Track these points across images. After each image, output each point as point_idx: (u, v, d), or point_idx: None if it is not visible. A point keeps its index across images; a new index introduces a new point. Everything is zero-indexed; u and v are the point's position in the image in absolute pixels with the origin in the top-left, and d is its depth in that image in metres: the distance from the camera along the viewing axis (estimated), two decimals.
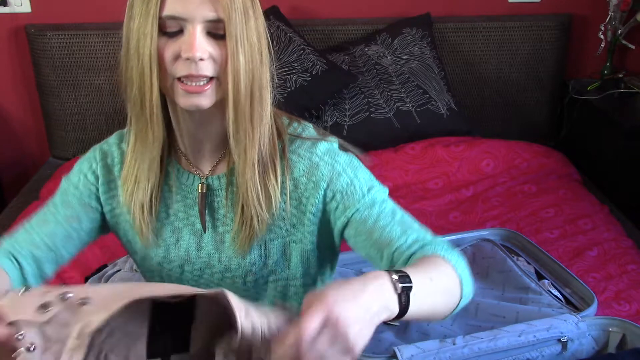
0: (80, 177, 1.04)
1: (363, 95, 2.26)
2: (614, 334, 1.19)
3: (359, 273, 1.40)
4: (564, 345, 1.15)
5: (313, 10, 2.47)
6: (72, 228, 1.02)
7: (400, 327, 1.25)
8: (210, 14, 0.86)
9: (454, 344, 1.11)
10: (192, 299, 0.73)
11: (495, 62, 2.48)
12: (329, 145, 1.00)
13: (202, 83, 0.88)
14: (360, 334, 0.70)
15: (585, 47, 2.58)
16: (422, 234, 0.95)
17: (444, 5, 2.48)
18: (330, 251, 1.09)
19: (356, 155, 1.03)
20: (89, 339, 0.68)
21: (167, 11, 0.86)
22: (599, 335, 1.19)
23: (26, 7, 2.35)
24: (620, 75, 2.50)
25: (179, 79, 0.88)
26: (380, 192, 0.99)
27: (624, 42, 2.44)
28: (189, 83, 0.88)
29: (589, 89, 2.46)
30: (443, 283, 0.87)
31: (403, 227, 0.95)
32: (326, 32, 2.42)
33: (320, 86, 2.21)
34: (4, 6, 2.33)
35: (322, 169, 0.98)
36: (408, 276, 0.77)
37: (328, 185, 0.98)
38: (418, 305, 0.78)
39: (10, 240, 1.00)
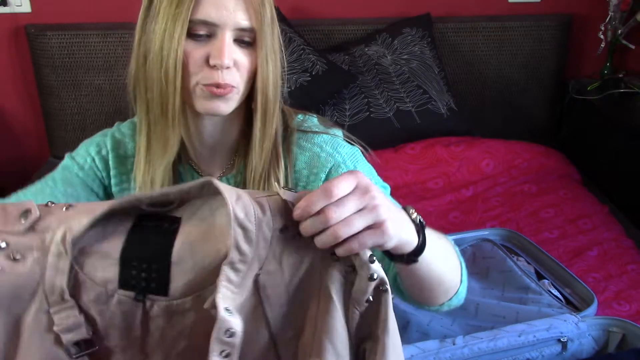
0: (87, 159, 1.02)
1: (363, 95, 2.26)
2: (614, 334, 1.19)
3: None
4: (564, 346, 1.15)
5: (313, 10, 2.46)
6: None
7: (400, 327, 1.25)
8: (243, 22, 0.86)
9: (454, 344, 1.11)
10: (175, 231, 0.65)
11: (496, 62, 2.48)
12: (331, 136, 0.99)
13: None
14: (390, 214, 0.62)
15: (585, 47, 2.58)
16: None
17: (444, 5, 2.48)
18: None
19: (361, 148, 1.02)
20: (70, 245, 0.62)
21: (200, 15, 0.85)
22: (599, 335, 1.19)
23: (26, 7, 2.34)
24: (620, 75, 2.50)
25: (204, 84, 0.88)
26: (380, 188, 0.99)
27: (624, 42, 2.44)
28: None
29: (589, 89, 2.46)
30: (451, 255, 0.88)
31: None
32: (326, 32, 2.42)
33: (320, 86, 2.21)
34: (4, 6, 2.33)
35: (322, 159, 0.97)
36: (424, 226, 0.75)
37: (327, 177, 0.97)
38: (432, 254, 0.77)
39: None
